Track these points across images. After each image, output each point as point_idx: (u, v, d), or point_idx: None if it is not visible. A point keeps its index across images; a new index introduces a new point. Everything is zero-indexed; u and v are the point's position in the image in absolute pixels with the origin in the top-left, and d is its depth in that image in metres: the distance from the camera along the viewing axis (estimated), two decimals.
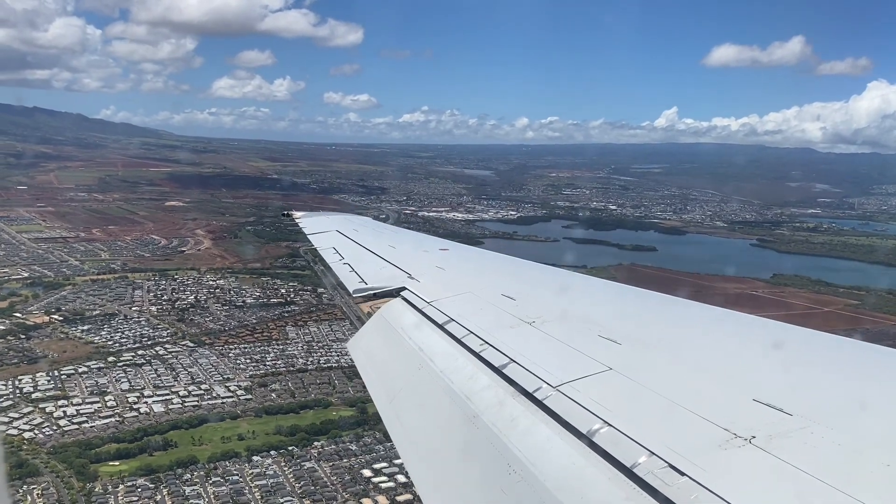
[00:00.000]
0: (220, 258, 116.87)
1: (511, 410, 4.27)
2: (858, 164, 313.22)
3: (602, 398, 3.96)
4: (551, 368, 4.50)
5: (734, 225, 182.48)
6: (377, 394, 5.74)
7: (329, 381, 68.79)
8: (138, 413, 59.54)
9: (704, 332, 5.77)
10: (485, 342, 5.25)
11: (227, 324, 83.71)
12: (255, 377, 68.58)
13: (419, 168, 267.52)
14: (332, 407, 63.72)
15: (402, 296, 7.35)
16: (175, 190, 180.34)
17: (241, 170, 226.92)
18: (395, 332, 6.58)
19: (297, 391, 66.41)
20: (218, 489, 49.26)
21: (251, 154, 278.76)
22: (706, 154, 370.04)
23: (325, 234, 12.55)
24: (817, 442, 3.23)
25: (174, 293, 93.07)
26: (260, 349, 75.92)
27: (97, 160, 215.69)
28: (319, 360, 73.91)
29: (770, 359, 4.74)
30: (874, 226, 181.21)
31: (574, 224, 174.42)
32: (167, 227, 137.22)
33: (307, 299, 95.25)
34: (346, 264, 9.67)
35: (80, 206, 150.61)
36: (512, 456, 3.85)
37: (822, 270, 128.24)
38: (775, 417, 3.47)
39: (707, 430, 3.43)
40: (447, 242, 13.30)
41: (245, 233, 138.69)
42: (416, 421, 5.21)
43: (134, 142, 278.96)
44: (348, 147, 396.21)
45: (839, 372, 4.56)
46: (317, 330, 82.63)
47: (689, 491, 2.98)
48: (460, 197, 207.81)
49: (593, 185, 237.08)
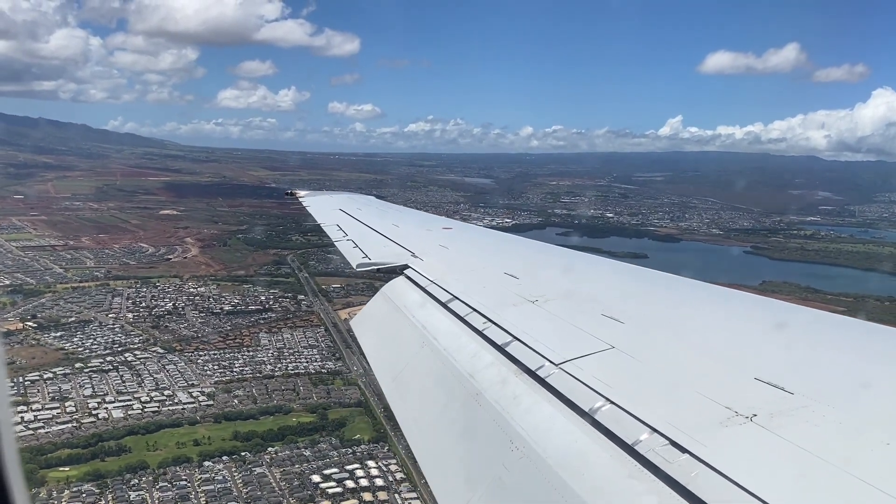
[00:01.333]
0: (205, 266, 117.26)
1: (514, 388, 4.31)
2: (863, 172, 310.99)
3: (604, 376, 3.98)
4: (554, 346, 4.53)
5: (730, 232, 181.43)
6: (381, 372, 5.84)
7: (294, 387, 68.71)
8: (96, 419, 59.65)
9: (707, 310, 5.83)
10: (488, 320, 5.29)
11: (201, 331, 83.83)
12: (219, 383, 68.57)
13: (420, 176, 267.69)
14: (292, 413, 63.61)
15: (405, 274, 7.39)
16: (171, 199, 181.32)
17: (240, 179, 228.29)
18: (398, 310, 6.62)
19: (260, 397, 66.35)
20: (164, 494, 49.28)
21: (253, 163, 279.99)
22: (710, 162, 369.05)
23: (328, 212, 12.68)
24: (818, 420, 3.24)
25: (153, 300, 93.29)
26: (229, 356, 75.91)
27: (97, 170, 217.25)
28: (288, 366, 73.85)
29: (772, 338, 4.77)
30: (873, 233, 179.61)
31: (569, 231, 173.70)
32: (157, 235, 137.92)
33: (286, 306, 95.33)
34: (350, 240, 9.74)
35: (74, 215, 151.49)
36: (514, 433, 3.89)
37: (813, 277, 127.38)
38: (776, 396, 3.48)
39: (709, 408, 3.45)
40: (451, 221, 13.39)
41: (235, 241, 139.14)
42: (420, 399, 5.24)
43: (137, 152, 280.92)
44: (352, 156, 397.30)
45: (840, 351, 4.56)
46: (290, 336, 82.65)
47: (691, 468, 3.00)
48: (457, 205, 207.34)
49: (593, 193, 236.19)
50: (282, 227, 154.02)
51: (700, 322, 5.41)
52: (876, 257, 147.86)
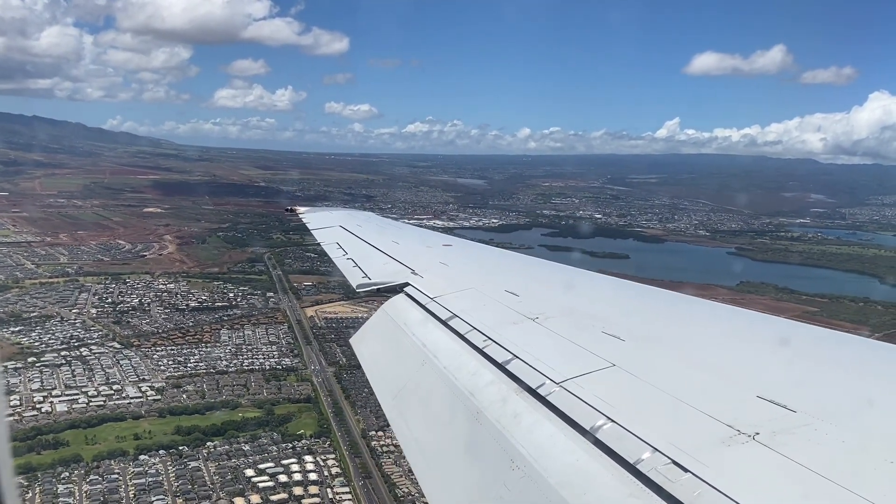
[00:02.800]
0: (179, 263, 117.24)
1: (514, 406, 4.27)
2: (858, 175, 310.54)
3: (605, 394, 3.96)
4: (555, 364, 4.51)
5: (717, 234, 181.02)
6: (381, 390, 5.79)
7: (246, 383, 68.53)
8: (39, 412, 59.47)
9: (708, 328, 5.82)
10: (488, 338, 5.27)
11: (163, 326, 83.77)
12: (171, 378, 68.39)
13: (412, 177, 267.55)
14: (240, 408, 63.41)
15: (405, 291, 7.36)
16: (157, 197, 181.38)
17: (230, 178, 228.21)
18: (398, 328, 6.59)
19: (209, 392, 66.13)
20: (93, 487, 49.03)
21: (245, 163, 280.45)
22: (707, 165, 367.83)
23: (328, 229, 12.65)
24: (821, 439, 3.21)
25: (120, 296, 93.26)
26: (186, 351, 75.80)
27: (87, 168, 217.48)
28: (244, 362, 73.69)
29: (774, 355, 4.74)
30: (861, 235, 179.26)
31: (554, 232, 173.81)
32: (137, 232, 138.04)
33: (253, 303, 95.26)
34: (350, 259, 9.71)
35: (56, 212, 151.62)
36: (515, 452, 3.86)
37: (792, 278, 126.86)
38: (779, 414, 3.46)
39: (711, 426, 3.43)
40: (451, 238, 13.44)
41: (215, 238, 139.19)
42: (420, 417, 5.22)
43: (130, 150, 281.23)
44: (348, 157, 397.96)
45: (843, 369, 4.55)
46: (251, 333, 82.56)
47: (693, 487, 2.96)
48: (446, 205, 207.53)
49: (585, 194, 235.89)
50: (265, 225, 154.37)
51: (701, 339, 5.42)
52: (858, 259, 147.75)
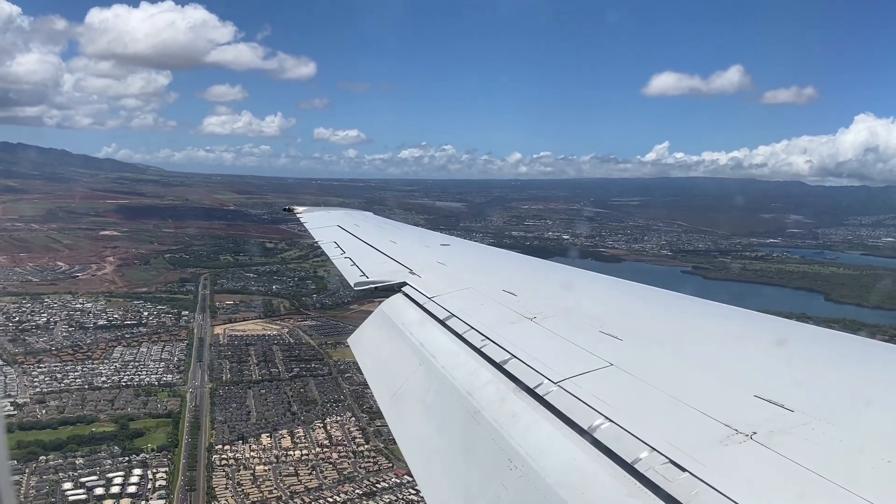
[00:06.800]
0: (108, 283, 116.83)
1: (512, 406, 4.26)
2: (843, 197, 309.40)
3: (603, 394, 3.94)
4: (552, 364, 4.48)
5: (679, 254, 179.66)
6: (378, 390, 5.78)
7: (114, 398, 67.50)
8: None
9: (706, 327, 5.79)
10: (486, 338, 5.25)
11: (58, 344, 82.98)
12: (39, 394, 67.48)
13: (392, 200, 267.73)
14: (95, 423, 62.34)
15: (403, 291, 7.37)
16: (119, 220, 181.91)
17: (202, 202, 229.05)
18: (396, 328, 6.58)
19: (72, 407, 65.12)
20: None
21: (225, 188, 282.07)
22: (694, 188, 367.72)
23: (326, 228, 12.78)
24: (818, 438, 3.22)
25: (29, 315, 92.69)
26: (69, 368, 74.91)
27: (58, 193, 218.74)
28: (123, 378, 72.75)
29: (772, 355, 4.73)
30: (827, 254, 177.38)
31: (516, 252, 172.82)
32: (81, 254, 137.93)
33: (163, 321, 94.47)
34: (348, 258, 9.78)
35: (8, 236, 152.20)
36: (513, 451, 3.84)
37: (736, 296, 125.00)
38: (776, 413, 3.45)
39: (708, 425, 3.41)
40: (449, 238, 13.30)
41: (160, 260, 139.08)
42: (418, 417, 5.19)
43: (111, 176, 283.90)
44: (335, 181, 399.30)
45: (841, 368, 4.56)
46: (146, 350, 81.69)
47: (690, 487, 2.97)
48: (416, 226, 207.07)
49: (560, 216, 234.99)
50: (217, 247, 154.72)
51: (699, 339, 5.34)
52: (812, 277, 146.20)
